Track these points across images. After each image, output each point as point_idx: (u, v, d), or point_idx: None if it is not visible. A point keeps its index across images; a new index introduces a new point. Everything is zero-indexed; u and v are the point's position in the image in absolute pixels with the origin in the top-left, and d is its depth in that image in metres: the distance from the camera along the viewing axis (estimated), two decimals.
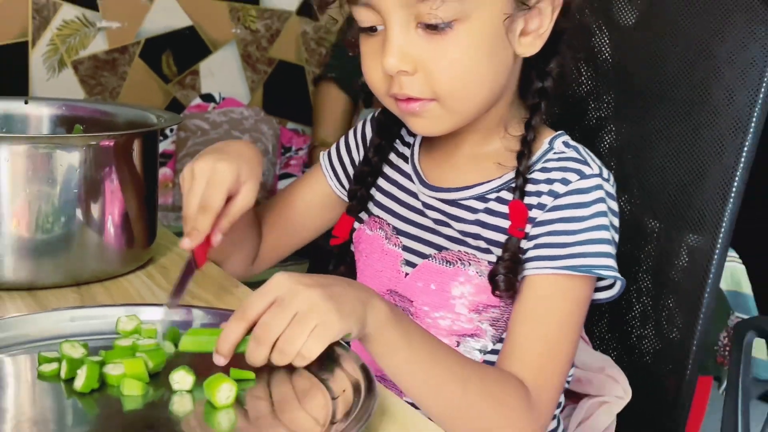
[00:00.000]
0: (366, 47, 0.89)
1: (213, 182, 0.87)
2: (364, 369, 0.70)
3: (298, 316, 0.70)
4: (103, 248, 0.96)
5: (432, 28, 0.83)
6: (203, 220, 0.86)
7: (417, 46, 0.84)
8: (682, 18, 1.03)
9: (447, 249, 0.94)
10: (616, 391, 1.01)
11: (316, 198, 1.08)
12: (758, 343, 1.61)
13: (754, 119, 0.97)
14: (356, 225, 1.03)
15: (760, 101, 0.97)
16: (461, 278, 0.92)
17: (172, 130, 2.52)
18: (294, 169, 2.53)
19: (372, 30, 0.87)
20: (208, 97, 2.58)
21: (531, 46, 0.89)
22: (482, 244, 0.92)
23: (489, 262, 0.91)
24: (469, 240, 0.93)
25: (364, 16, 0.86)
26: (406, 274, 0.97)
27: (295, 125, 2.74)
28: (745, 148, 0.98)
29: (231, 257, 1.04)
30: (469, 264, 0.92)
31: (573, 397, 1.05)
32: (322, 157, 1.09)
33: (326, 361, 0.72)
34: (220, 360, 0.72)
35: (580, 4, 0.91)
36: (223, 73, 2.65)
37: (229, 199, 0.89)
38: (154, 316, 0.81)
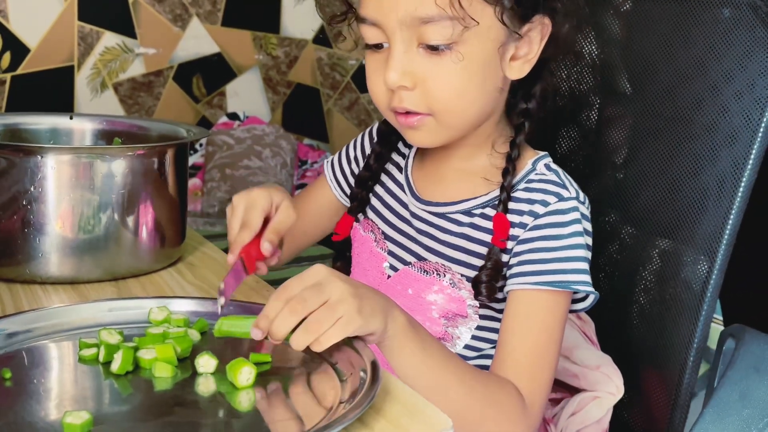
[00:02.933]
0: (371, 62, 0.89)
1: (250, 206, 0.87)
2: (370, 355, 0.70)
3: (329, 303, 0.70)
4: (137, 247, 0.96)
5: (432, 48, 0.83)
6: (243, 234, 0.85)
7: (417, 64, 0.84)
8: (680, 33, 0.99)
9: (426, 259, 0.93)
10: (608, 387, 1.00)
11: (323, 206, 1.08)
12: None
13: (757, 141, 0.92)
14: (355, 224, 1.03)
15: (765, 119, 0.91)
16: (435, 287, 0.92)
17: (201, 145, 2.53)
18: (309, 180, 2.53)
19: (378, 47, 0.86)
20: (233, 116, 2.59)
21: (519, 70, 0.88)
22: (462, 257, 0.91)
23: (462, 276, 0.90)
24: (451, 251, 0.92)
25: (370, 34, 0.86)
26: (389, 276, 0.97)
27: (310, 141, 2.75)
28: (748, 168, 0.93)
29: None
30: (444, 275, 0.91)
31: (568, 390, 1.04)
32: (327, 168, 1.09)
33: (336, 348, 0.72)
34: (258, 334, 0.71)
35: (566, 33, 0.90)
36: (246, 94, 2.66)
37: (267, 221, 0.89)
38: (182, 307, 0.81)
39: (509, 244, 0.88)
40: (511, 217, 0.89)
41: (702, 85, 0.98)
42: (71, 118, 1.15)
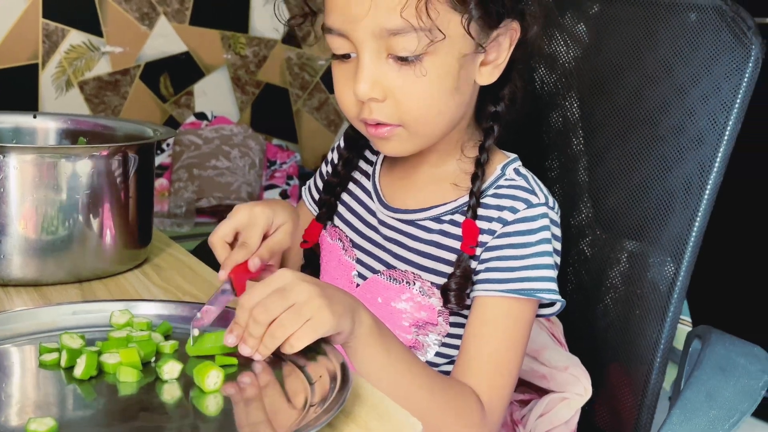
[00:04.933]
0: (339, 72, 0.87)
1: (250, 224, 0.85)
2: (339, 357, 0.69)
3: (295, 306, 0.69)
4: (102, 249, 0.94)
5: (402, 59, 0.81)
6: (238, 253, 0.83)
7: (387, 75, 0.82)
8: (647, 37, 0.98)
9: (395, 267, 0.92)
10: (577, 388, 0.99)
11: (303, 226, 1.04)
12: None
13: (723, 144, 0.92)
14: (322, 231, 1.02)
15: (727, 136, 0.92)
16: (405, 296, 0.91)
17: (168, 145, 2.50)
18: (278, 180, 2.51)
19: (345, 57, 0.85)
20: (201, 116, 2.56)
21: (489, 75, 0.88)
22: (431, 264, 0.90)
23: (432, 284, 0.89)
24: (420, 258, 0.91)
25: (338, 44, 0.84)
26: (357, 285, 0.95)
27: (279, 141, 2.73)
28: (714, 171, 0.93)
29: None
30: (414, 283, 0.90)
31: (536, 392, 1.04)
32: (304, 193, 1.07)
33: (303, 350, 0.71)
34: (232, 340, 0.70)
35: (535, 36, 0.89)
36: (215, 94, 2.63)
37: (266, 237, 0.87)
38: (145, 311, 0.79)
39: (478, 251, 0.88)
40: (480, 224, 0.88)
41: (669, 88, 0.98)
42: (35, 116, 1.12)
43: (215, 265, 1.01)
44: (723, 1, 0.97)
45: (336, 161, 1.03)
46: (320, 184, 1.05)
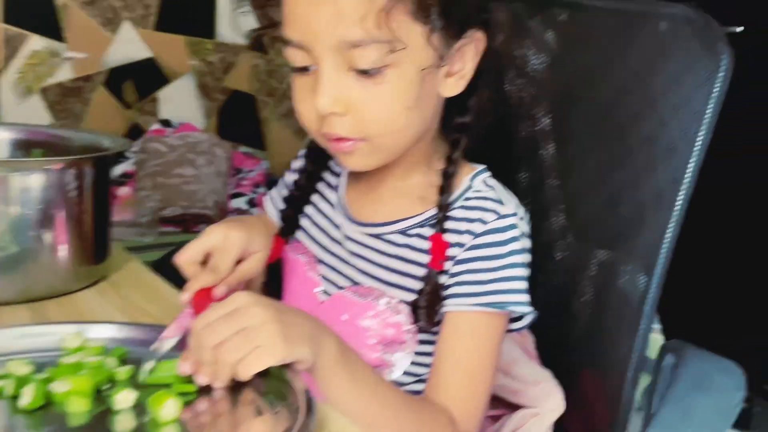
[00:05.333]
0: (299, 85, 0.83)
1: (224, 248, 0.82)
2: (302, 385, 0.66)
3: (245, 330, 0.65)
4: (55, 266, 0.90)
5: (363, 72, 0.78)
6: (206, 277, 0.80)
7: (348, 88, 0.79)
8: (616, 47, 0.97)
9: (360, 283, 0.89)
10: (549, 403, 0.97)
11: None
12: None
13: (694, 155, 0.90)
14: (285, 246, 0.98)
15: (698, 146, 0.90)
16: (371, 312, 0.87)
17: (133, 152, 2.44)
18: (245, 188, 2.47)
19: (305, 69, 0.81)
20: (166, 123, 2.50)
21: (455, 86, 0.85)
22: (398, 279, 0.87)
23: (399, 300, 0.86)
24: (387, 274, 0.88)
25: (297, 57, 0.80)
26: (322, 302, 0.92)
27: (246, 149, 2.68)
28: (685, 182, 0.91)
29: None
30: (380, 299, 0.87)
31: (508, 407, 1.01)
32: (267, 203, 1.03)
33: (266, 377, 0.67)
34: (186, 367, 0.67)
35: (500, 45, 0.87)
36: (180, 101, 2.58)
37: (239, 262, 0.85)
38: (100, 333, 0.75)
39: (447, 265, 0.85)
40: (448, 237, 0.85)
41: (640, 98, 0.96)
42: None
43: (178, 282, 0.98)
44: (693, 11, 0.96)
45: (298, 174, 0.99)
46: (284, 193, 1.02)
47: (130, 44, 2.44)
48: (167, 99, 2.55)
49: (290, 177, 1.02)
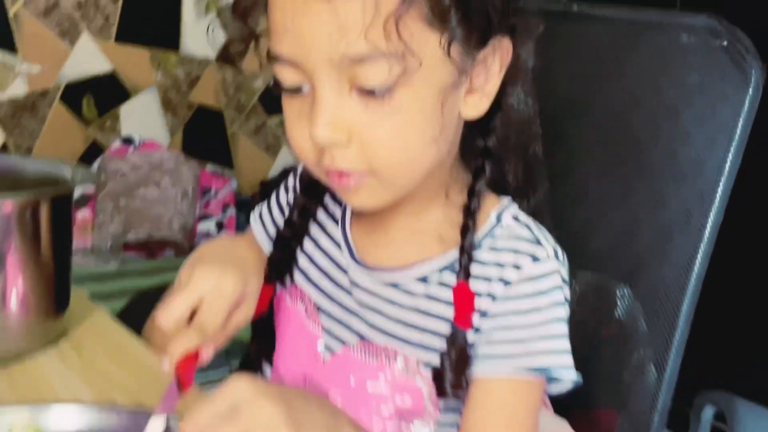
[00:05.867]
0: (291, 110, 0.69)
1: (214, 301, 0.69)
2: None
3: None
4: (5, 324, 0.75)
5: (368, 92, 0.64)
6: (192, 339, 0.67)
7: (351, 112, 0.65)
8: (650, 75, 0.90)
9: (371, 340, 0.75)
10: None
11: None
12: None
13: (722, 182, 0.84)
14: (279, 288, 0.83)
15: (729, 163, 0.83)
16: (384, 376, 0.74)
17: (71, 163, 2.29)
18: (214, 210, 2.33)
19: (297, 91, 0.67)
20: (128, 140, 2.37)
21: (478, 105, 0.71)
22: (417, 337, 0.73)
23: (419, 361, 0.73)
24: (403, 329, 0.74)
25: (288, 76, 0.66)
26: (324, 360, 0.78)
27: (214, 167, 2.54)
28: (712, 213, 0.83)
29: None
30: (395, 360, 0.74)
31: None
32: (254, 222, 0.89)
33: None
34: None
35: (528, 54, 0.74)
36: (143, 117, 2.45)
37: None
38: (61, 420, 0.60)
39: (475, 320, 0.72)
40: (476, 286, 0.72)
41: (657, 109, 0.89)
42: None
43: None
44: (718, 22, 0.89)
45: (291, 204, 0.85)
46: (276, 213, 0.87)
47: (89, 57, 2.33)
48: (129, 115, 2.43)
49: (284, 196, 0.87)
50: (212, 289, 0.68)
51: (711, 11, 0.91)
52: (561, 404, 0.94)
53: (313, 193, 0.83)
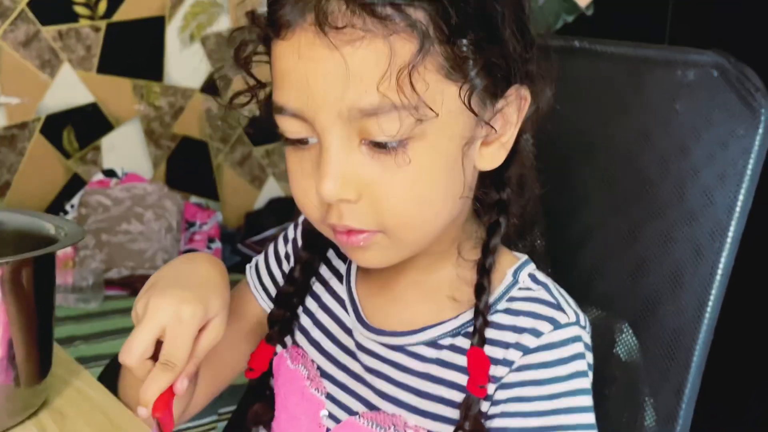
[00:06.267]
0: (295, 162, 0.65)
1: (177, 334, 0.63)
2: None
3: None
4: None
5: (379, 146, 0.60)
6: (162, 378, 0.62)
7: (361, 168, 0.61)
8: (656, 113, 0.86)
9: (379, 409, 0.70)
10: None
11: (248, 323, 0.81)
12: None
13: (733, 223, 0.80)
14: (279, 349, 0.79)
15: (739, 204, 0.80)
16: None
17: (72, 206, 2.22)
18: (199, 244, 2.27)
19: (302, 142, 0.63)
20: (110, 173, 2.31)
21: (494, 157, 0.67)
22: (427, 405, 0.69)
23: (428, 431, 0.68)
24: (412, 398, 0.69)
25: (293, 128, 0.62)
26: (328, 429, 0.73)
27: (198, 199, 2.49)
28: (723, 255, 0.80)
29: None
30: (404, 430, 0.69)
31: None
32: (249, 273, 0.84)
33: None
34: None
35: (548, 106, 0.70)
36: (125, 149, 2.39)
37: None
38: None
39: (490, 388, 0.67)
40: (491, 351, 0.67)
41: (666, 147, 0.86)
42: None
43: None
44: (725, 59, 0.86)
45: (291, 257, 0.80)
46: (274, 267, 0.82)
47: (70, 88, 2.27)
48: (111, 147, 2.37)
49: (283, 246, 0.82)
50: (171, 318, 0.63)
51: (717, 47, 0.89)
52: None
53: (317, 247, 0.78)
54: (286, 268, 0.81)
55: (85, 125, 2.30)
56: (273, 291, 0.81)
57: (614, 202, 0.90)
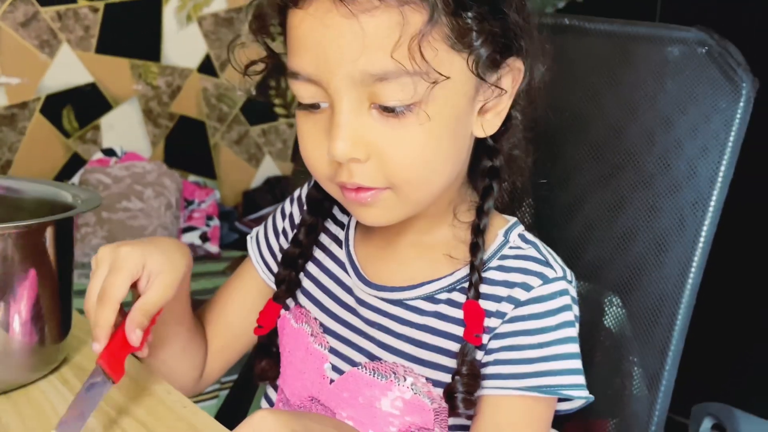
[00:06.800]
0: (306, 125, 0.69)
1: (113, 268, 0.68)
2: None
3: None
4: (8, 352, 0.73)
5: (388, 110, 0.65)
6: (102, 312, 0.66)
7: (371, 129, 0.66)
8: (644, 88, 0.90)
9: (380, 359, 0.75)
10: None
11: (252, 295, 0.86)
12: None
13: (715, 194, 0.84)
14: (282, 311, 0.83)
15: (721, 174, 0.84)
16: (393, 394, 0.74)
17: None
18: (198, 221, 2.31)
19: (315, 107, 0.68)
20: (109, 152, 2.33)
21: (490, 124, 0.72)
22: (426, 355, 0.74)
23: (428, 379, 0.73)
24: (412, 348, 0.74)
25: (306, 93, 0.67)
26: (332, 380, 0.78)
27: (196, 178, 2.52)
28: (705, 224, 0.84)
29: (177, 373, 0.83)
30: (405, 379, 0.74)
31: None
32: (251, 246, 0.88)
33: None
34: None
35: (540, 81, 0.75)
36: (124, 128, 2.41)
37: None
38: None
39: (484, 338, 0.72)
40: (485, 304, 0.72)
41: (651, 119, 0.90)
42: None
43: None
44: (708, 35, 0.90)
45: (295, 224, 0.85)
46: (273, 241, 0.87)
47: (69, 68, 2.29)
48: (110, 126, 2.40)
49: (280, 221, 0.87)
50: (112, 262, 0.69)
51: (701, 23, 0.93)
52: (555, 416, 0.95)
53: (319, 210, 0.83)
54: (283, 242, 0.86)
55: (84, 105, 2.32)
56: (271, 262, 0.86)
57: (602, 173, 0.94)
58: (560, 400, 0.74)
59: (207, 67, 2.50)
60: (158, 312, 0.72)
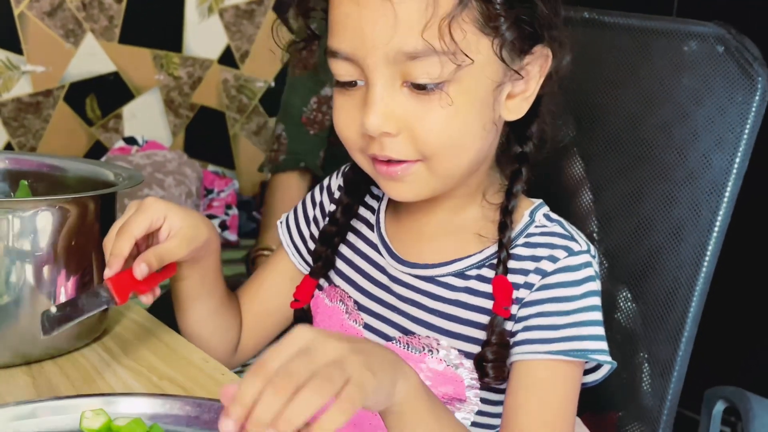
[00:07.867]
0: (342, 101, 0.74)
1: (137, 211, 0.75)
2: None
3: (323, 371, 0.52)
4: None
5: (419, 87, 0.70)
6: (118, 242, 0.72)
7: (402, 105, 0.70)
8: (661, 81, 0.93)
9: (413, 333, 0.79)
10: None
11: (284, 278, 0.91)
12: None
13: (729, 184, 0.87)
14: (316, 292, 0.87)
15: (736, 165, 0.87)
16: (427, 366, 0.78)
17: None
18: (217, 210, 2.35)
19: (351, 84, 0.73)
20: (131, 140, 2.37)
21: (517, 109, 0.76)
22: (457, 328, 0.78)
23: (459, 351, 0.77)
24: (444, 322, 0.78)
25: (343, 70, 0.72)
26: None
27: (216, 168, 2.56)
28: (720, 213, 0.87)
29: (211, 342, 0.87)
30: (437, 351, 0.78)
31: None
32: (281, 231, 0.93)
33: None
34: (230, 426, 0.52)
35: (566, 70, 0.79)
36: (145, 117, 2.45)
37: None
38: (125, 408, 0.63)
39: (513, 309, 0.76)
40: (513, 278, 0.76)
41: (668, 111, 0.93)
42: None
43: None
44: (725, 30, 0.92)
45: (331, 205, 0.89)
46: (303, 228, 0.91)
47: (92, 57, 2.33)
48: (132, 115, 2.43)
49: (311, 209, 0.91)
50: (138, 207, 0.75)
51: (718, 18, 0.95)
52: None
53: (356, 191, 0.87)
54: (314, 230, 0.90)
55: (107, 94, 2.37)
56: (302, 246, 0.91)
57: (621, 164, 0.97)
58: (585, 372, 0.78)
59: (227, 58, 2.54)
60: (171, 268, 0.77)
